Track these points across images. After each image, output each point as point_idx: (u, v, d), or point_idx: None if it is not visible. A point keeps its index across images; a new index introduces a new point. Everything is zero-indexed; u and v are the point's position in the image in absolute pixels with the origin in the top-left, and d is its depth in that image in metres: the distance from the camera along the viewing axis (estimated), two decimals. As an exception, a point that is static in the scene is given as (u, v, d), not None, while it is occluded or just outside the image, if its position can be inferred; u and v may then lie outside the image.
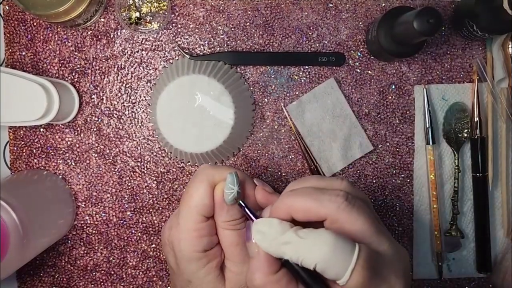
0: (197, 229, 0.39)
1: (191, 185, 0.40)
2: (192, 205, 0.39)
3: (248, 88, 0.54)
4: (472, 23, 0.49)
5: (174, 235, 0.40)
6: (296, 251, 0.33)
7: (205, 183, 0.39)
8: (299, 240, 0.34)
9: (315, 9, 0.54)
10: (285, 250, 0.34)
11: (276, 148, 0.55)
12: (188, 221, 0.39)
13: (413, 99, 0.55)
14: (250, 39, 0.54)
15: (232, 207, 0.39)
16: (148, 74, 0.54)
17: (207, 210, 0.39)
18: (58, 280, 0.55)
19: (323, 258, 0.32)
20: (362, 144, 0.54)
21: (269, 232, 0.35)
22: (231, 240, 0.39)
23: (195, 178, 0.40)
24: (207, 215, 0.39)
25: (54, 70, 0.54)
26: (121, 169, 0.55)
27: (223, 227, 0.39)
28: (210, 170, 0.40)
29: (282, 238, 0.34)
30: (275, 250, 0.35)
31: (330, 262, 0.32)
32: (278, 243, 0.34)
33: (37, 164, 0.54)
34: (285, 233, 0.34)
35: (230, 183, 0.38)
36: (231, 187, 0.37)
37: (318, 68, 0.54)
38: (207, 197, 0.39)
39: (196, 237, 0.39)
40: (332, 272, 0.32)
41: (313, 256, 0.32)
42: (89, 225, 0.55)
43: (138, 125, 0.55)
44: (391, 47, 0.49)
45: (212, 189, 0.39)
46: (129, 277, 0.55)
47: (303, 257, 0.33)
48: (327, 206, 0.35)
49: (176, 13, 0.54)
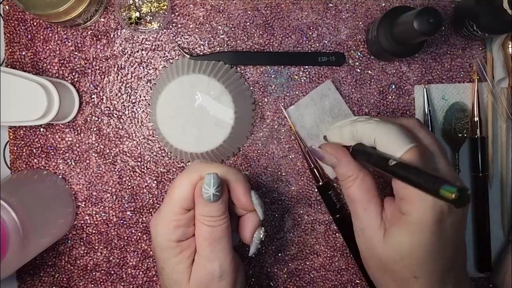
0: (175, 220, 0.41)
1: (177, 178, 0.42)
2: (174, 197, 0.41)
3: (248, 88, 0.54)
4: (472, 23, 0.49)
5: (153, 222, 0.42)
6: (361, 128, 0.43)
7: (189, 178, 0.41)
8: (371, 121, 0.43)
9: (315, 9, 0.54)
10: (357, 127, 0.43)
11: (276, 148, 0.55)
12: (168, 211, 0.41)
13: (413, 99, 0.55)
14: (250, 39, 0.54)
15: (210, 204, 0.40)
16: (148, 74, 0.54)
17: (187, 203, 0.41)
18: (58, 280, 0.55)
19: (382, 134, 0.41)
20: (362, 144, 0.54)
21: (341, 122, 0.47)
22: (204, 235, 0.41)
23: (183, 171, 0.42)
24: (186, 207, 0.41)
25: (54, 70, 0.54)
26: (121, 169, 0.55)
27: (200, 220, 0.41)
28: (199, 165, 0.41)
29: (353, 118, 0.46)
30: (348, 130, 0.45)
31: (386, 139, 0.41)
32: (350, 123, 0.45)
33: (37, 164, 0.54)
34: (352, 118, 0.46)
35: (206, 183, 0.39)
36: (207, 188, 0.39)
37: (318, 68, 0.54)
38: (187, 191, 0.40)
39: (172, 227, 0.41)
40: (389, 147, 0.40)
41: (372, 132, 0.42)
42: (89, 225, 0.55)
43: (138, 125, 0.55)
44: (391, 47, 0.49)
45: (195, 183, 0.41)
46: (129, 277, 0.55)
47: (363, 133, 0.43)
48: (405, 122, 0.45)
49: (176, 13, 0.54)
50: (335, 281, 0.55)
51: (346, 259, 0.55)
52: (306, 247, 0.55)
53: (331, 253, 0.55)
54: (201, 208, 0.40)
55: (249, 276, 0.55)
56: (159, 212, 0.42)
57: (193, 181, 0.41)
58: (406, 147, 0.39)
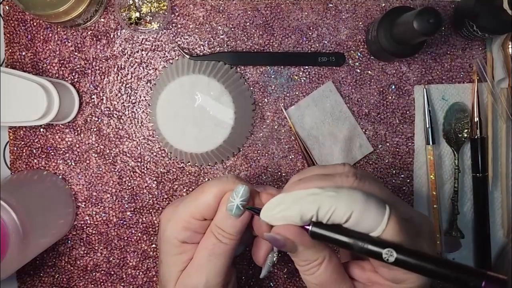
0: (187, 222, 0.40)
1: (209, 183, 0.40)
2: (199, 201, 0.40)
3: (248, 88, 0.54)
4: (472, 23, 0.49)
5: (167, 215, 0.42)
6: (328, 202, 0.32)
7: (220, 187, 0.39)
8: (330, 194, 0.33)
9: (315, 9, 0.54)
10: (311, 205, 0.33)
11: (276, 148, 0.55)
12: (186, 211, 0.40)
13: (413, 99, 0.55)
14: (250, 39, 0.54)
15: (228, 217, 0.39)
16: (148, 74, 0.54)
17: (208, 212, 0.39)
18: (58, 280, 0.55)
19: (360, 207, 0.32)
20: (362, 145, 0.54)
21: (286, 198, 0.35)
22: (207, 244, 0.40)
23: (218, 178, 0.40)
24: (205, 216, 0.40)
25: (54, 70, 0.54)
26: (121, 169, 0.55)
27: (211, 229, 0.40)
28: (235, 178, 0.40)
29: (307, 192, 0.34)
30: (299, 210, 0.33)
31: (365, 213, 0.32)
32: (302, 200, 0.33)
33: (37, 164, 0.54)
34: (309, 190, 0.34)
35: (236, 193, 0.38)
36: (234, 196, 0.38)
37: (318, 68, 0.54)
38: (214, 200, 0.39)
39: (181, 227, 0.40)
40: (367, 223, 0.32)
41: (348, 206, 0.32)
42: (89, 225, 0.55)
43: (138, 125, 0.55)
44: (391, 47, 0.49)
45: (222, 195, 0.39)
46: (129, 277, 0.55)
47: (335, 208, 0.32)
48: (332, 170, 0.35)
49: (176, 13, 0.54)
50: (335, 281, 0.55)
51: (346, 259, 0.55)
52: (306, 247, 0.55)
53: (331, 253, 0.55)
54: (219, 217, 0.39)
55: (249, 276, 0.55)
56: (176, 207, 0.41)
57: (223, 193, 0.39)
58: (384, 217, 0.32)
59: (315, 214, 0.33)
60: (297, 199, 0.34)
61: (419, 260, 0.30)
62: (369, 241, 0.32)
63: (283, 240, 0.34)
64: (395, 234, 0.32)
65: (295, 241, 0.34)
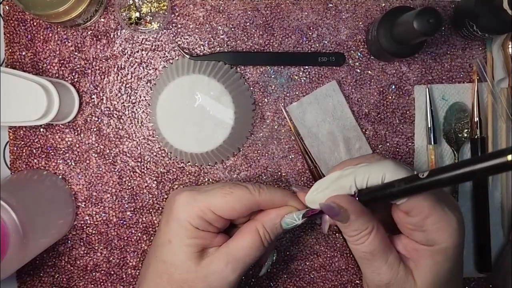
0: (205, 212, 0.41)
1: (241, 189, 0.42)
2: (225, 198, 0.41)
3: (248, 88, 0.54)
4: (472, 23, 0.49)
5: (186, 197, 0.42)
6: (362, 171, 0.37)
7: (252, 200, 0.41)
8: (362, 165, 0.38)
9: (315, 9, 0.54)
10: (348, 178, 0.38)
11: (276, 148, 0.55)
12: (208, 201, 0.41)
13: (413, 99, 0.55)
14: (250, 39, 0.54)
15: (278, 227, 0.42)
16: (148, 74, 0.54)
17: (229, 213, 0.41)
18: (58, 280, 0.55)
19: (391, 169, 0.36)
20: (362, 147, 0.54)
21: (324, 181, 0.40)
22: (251, 243, 0.41)
23: (249, 189, 0.42)
24: (228, 216, 0.42)
25: (54, 70, 0.54)
26: (121, 169, 0.55)
27: (257, 226, 0.42)
28: (282, 194, 0.43)
29: (342, 171, 0.39)
30: (339, 184, 0.38)
31: (397, 172, 0.36)
32: (339, 178, 0.38)
33: (37, 164, 0.54)
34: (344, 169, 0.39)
35: (303, 214, 0.41)
36: (298, 215, 0.41)
37: (318, 68, 0.54)
38: (241, 208, 0.41)
39: (198, 216, 0.41)
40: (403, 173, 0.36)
41: (381, 169, 0.37)
42: (89, 225, 0.55)
43: (138, 125, 0.55)
44: (391, 47, 0.49)
45: (256, 204, 0.42)
46: (129, 277, 0.55)
47: (369, 174, 0.37)
48: None
49: (176, 13, 0.54)
50: (335, 282, 0.55)
51: (346, 260, 0.55)
52: (306, 247, 0.55)
53: (331, 253, 0.55)
54: (273, 216, 0.42)
55: (249, 276, 0.55)
56: (196, 194, 0.42)
57: (252, 205, 0.42)
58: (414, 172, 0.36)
59: (353, 184, 0.38)
60: (334, 179, 0.39)
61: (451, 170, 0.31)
62: (406, 181, 0.35)
63: (338, 208, 0.37)
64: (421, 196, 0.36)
65: (348, 208, 0.37)
